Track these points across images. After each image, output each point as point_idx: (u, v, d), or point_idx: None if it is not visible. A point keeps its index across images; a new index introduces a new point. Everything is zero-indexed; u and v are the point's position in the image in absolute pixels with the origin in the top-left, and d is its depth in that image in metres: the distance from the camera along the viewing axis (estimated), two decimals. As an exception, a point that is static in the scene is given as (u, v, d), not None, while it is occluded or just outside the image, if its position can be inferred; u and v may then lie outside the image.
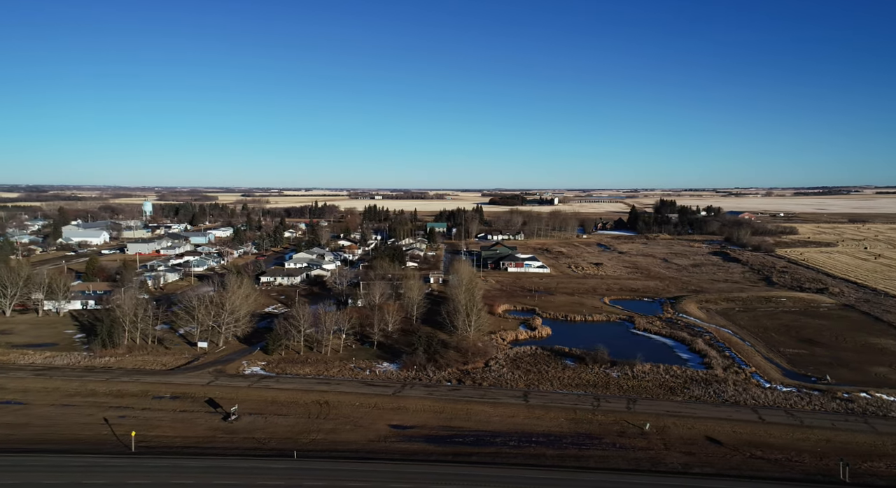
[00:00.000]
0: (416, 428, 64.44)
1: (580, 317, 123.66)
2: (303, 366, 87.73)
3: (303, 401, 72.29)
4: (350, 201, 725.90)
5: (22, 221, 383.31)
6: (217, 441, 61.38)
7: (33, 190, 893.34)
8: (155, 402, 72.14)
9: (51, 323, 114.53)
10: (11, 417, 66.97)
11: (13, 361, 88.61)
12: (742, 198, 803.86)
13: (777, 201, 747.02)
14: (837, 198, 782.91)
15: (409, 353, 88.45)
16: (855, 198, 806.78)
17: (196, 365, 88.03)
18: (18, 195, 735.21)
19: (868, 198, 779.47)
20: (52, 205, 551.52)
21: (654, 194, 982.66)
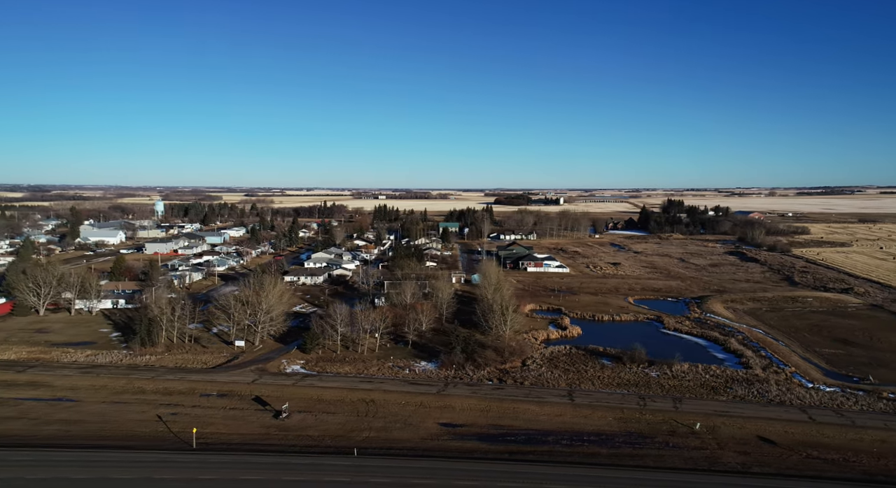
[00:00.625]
0: (466, 427, 65.01)
1: (608, 317, 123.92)
2: (342, 364, 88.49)
3: (349, 400, 73.02)
4: (354, 201, 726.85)
5: (35, 221, 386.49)
6: (272, 438, 62.15)
7: (36, 189, 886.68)
8: (203, 400, 73.05)
9: (85, 322, 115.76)
10: (66, 414, 68.03)
11: (57, 359, 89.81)
12: (745, 197, 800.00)
13: (781, 201, 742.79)
14: (842, 198, 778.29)
15: (447, 352, 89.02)
16: (859, 197, 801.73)
17: (236, 363, 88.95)
18: (23, 195, 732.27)
19: (873, 198, 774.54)
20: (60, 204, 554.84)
21: (657, 194, 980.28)
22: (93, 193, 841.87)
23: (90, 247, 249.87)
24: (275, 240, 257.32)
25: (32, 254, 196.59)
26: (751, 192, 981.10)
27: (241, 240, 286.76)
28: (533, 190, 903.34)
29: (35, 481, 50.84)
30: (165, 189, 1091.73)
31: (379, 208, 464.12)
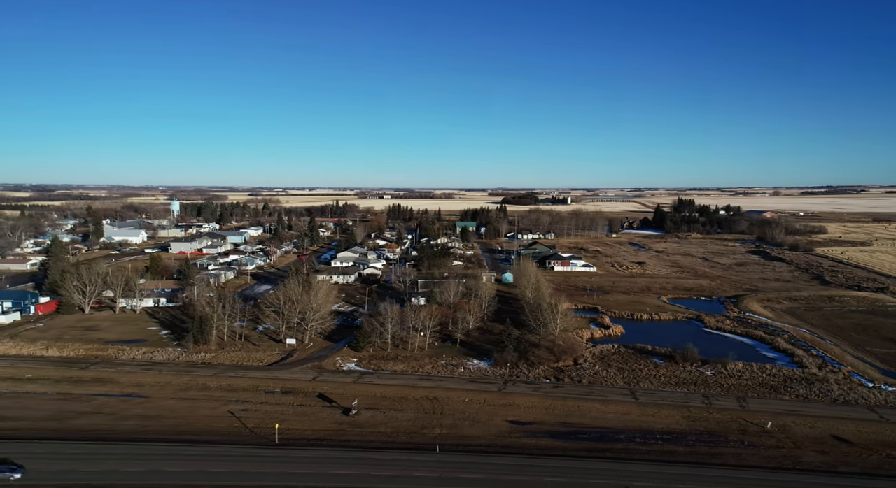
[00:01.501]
0: (536, 424, 65.63)
1: (646, 316, 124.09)
2: (395, 362, 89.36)
3: (412, 397, 73.79)
4: (359, 200, 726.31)
5: (53, 220, 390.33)
6: (347, 434, 63.02)
7: (39, 189, 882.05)
8: (269, 397, 74.05)
9: (131, 320, 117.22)
10: (140, 410, 69.21)
11: (115, 356, 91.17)
12: (750, 197, 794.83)
13: (788, 200, 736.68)
14: (848, 198, 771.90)
15: (500, 351, 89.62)
16: (865, 197, 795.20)
17: (291, 361, 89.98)
18: (30, 194, 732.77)
19: (880, 198, 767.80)
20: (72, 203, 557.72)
21: (660, 193, 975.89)
22: (98, 193, 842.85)
23: (115, 247, 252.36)
24: (296, 240, 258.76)
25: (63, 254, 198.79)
26: (755, 192, 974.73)
27: (262, 240, 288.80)
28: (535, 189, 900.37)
29: (134, 474, 52.03)
30: (169, 188, 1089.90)
31: (393, 208, 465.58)
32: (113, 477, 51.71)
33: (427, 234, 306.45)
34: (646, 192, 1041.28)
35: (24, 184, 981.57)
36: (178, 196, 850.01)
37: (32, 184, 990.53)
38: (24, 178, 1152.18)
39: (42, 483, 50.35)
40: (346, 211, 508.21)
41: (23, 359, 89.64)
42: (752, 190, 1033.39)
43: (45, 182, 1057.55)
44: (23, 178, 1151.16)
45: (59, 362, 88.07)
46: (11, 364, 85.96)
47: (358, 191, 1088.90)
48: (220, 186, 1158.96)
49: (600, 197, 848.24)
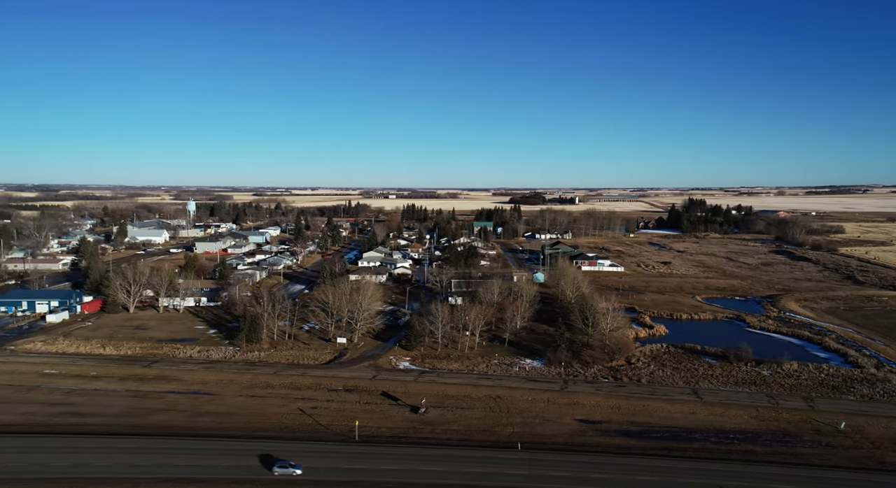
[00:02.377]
0: (604, 423, 66.04)
1: (686, 316, 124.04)
2: (448, 361, 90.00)
3: (475, 396, 74.36)
4: (365, 200, 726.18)
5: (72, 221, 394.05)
6: (421, 431, 63.70)
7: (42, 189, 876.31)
8: (333, 395, 74.92)
9: (176, 319, 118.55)
10: (212, 407, 70.25)
11: (172, 355, 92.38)
12: (755, 196, 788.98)
13: (794, 200, 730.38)
14: (855, 197, 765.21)
15: (553, 350, 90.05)
16: (872, 196, 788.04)
17: (345, 360, 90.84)
18: (36, 194, 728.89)
19: (886, 197, 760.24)
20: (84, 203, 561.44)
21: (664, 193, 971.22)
22: (103, 193, 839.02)
23: (139, 247, 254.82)
24: (319, 240, 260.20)
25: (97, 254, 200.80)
26: (759, 191, 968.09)
27: (283, 240, 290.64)
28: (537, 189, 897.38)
29: (227, 468, 52.99)
30: (172, 188, 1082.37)
31: (408, 207, 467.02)
32: (211, 471, 52.80)
33: (445, 234, 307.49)
34: (649, 192, 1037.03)
35: (27, 184, 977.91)
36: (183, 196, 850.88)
37: (34, 184, 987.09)
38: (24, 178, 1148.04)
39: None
40: (358, 211, 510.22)
41: (82, 356, 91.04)
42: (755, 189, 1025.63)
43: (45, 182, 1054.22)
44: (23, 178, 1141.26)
45: (118, 360, 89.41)
46: (73, 362, 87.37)
47: (362, 190, 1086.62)
48: (222, 186, 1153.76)
49: (604, 197, 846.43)
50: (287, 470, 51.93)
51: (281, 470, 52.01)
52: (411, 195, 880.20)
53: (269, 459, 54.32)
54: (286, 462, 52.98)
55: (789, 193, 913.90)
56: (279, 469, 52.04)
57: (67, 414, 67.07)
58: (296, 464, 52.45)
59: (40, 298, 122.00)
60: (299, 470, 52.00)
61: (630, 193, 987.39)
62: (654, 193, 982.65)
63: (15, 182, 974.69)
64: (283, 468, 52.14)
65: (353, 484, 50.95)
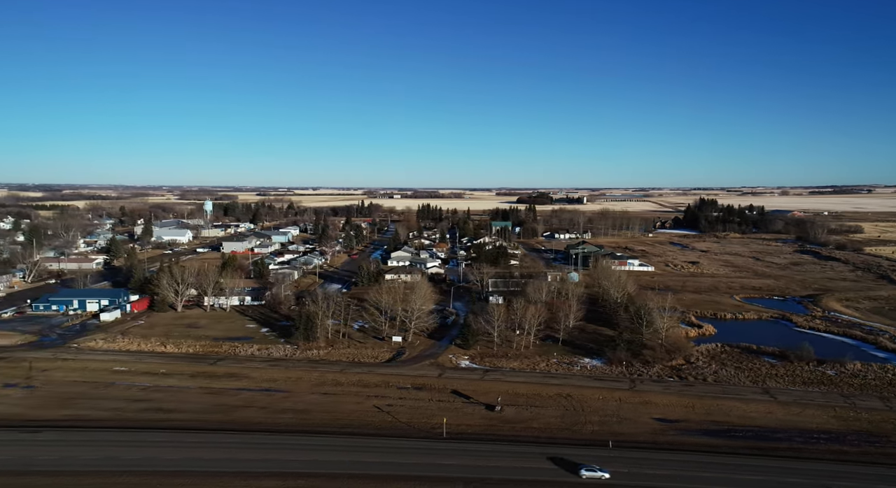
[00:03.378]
0: (683, 422, 66.37)
1: (730, 315, 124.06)
2: (507, 360, 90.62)
3: (545, 394, 74.92)
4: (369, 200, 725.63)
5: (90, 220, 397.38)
6: (503, 429, 64.27)
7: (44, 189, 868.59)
8: (404, 392, 75.63)
9: (224, 318, 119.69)
10: (289, 404, 71.16)
11: (233, 353, 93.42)
12: (759, 196, 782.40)
13: (799, 200, 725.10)
14: (861, 197, 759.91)
15: (612, 349, 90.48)
16: (878, 196, 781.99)
17: (406, 358, 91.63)
18: (42, 194, 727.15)
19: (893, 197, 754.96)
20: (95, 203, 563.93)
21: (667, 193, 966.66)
22: (107, 193, 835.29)
23: (165, 246, 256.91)
24: (342, 240, 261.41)
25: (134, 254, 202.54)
26: (762, 191, 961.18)
27: (304, 240, 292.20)
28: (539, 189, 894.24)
29: (336, 463, 53.89)
30: (174, 188, 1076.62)
31: (423, 207, 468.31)
32: (317, 466, 53.64)
33: (465, 234, 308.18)
34: (651, 192, 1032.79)
35: (28, 184, 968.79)
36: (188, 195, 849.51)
37: (34, 184, 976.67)
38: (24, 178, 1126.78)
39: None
40: (371, 210, 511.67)
41: (146, 354, 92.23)
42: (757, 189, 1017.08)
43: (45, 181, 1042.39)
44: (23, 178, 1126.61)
45: (183, 358, 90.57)
46: (140, 359, 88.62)
47: (365, 190, 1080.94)
48: (223, 186, 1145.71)
49: (608, 197, 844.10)
50: (595, 473, 51.20)
51: (589, 473, 51.07)
52: (414, 195, 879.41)
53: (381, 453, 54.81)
54: (592, 466, 51.88)
55: (793, 193, 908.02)
56: (587, 472, 51.19)
57: (153, 410, 68.21)
58: (602, 468, 51.63)
59: (90, 297, 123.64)
60: (606, 473, 51.15)
61: (632, 193, 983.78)
62: (657, 193, 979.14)
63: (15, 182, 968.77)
64: (590, 471, 51.19)
65: (446, 479, 51.54)
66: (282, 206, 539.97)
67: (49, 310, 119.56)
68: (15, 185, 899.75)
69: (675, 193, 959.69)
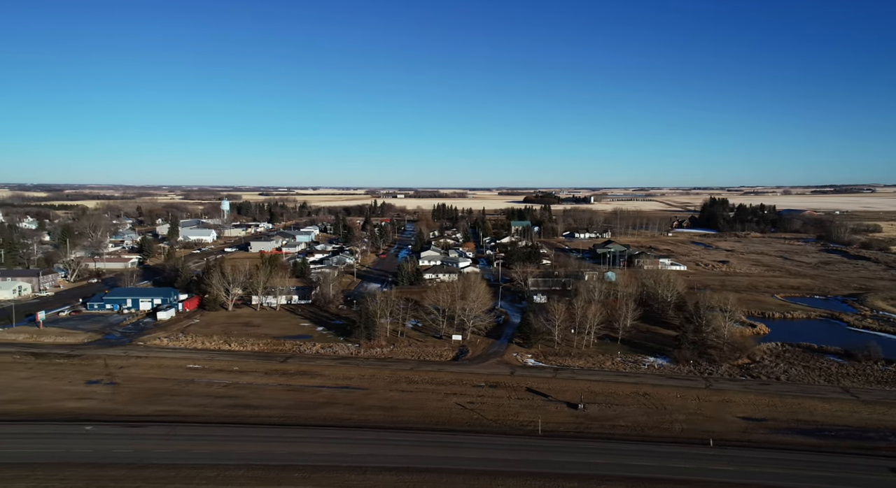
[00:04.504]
0: (770, 421, 66.66)
1: (778, 315, 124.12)
2: (570, 358, 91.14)
3: (621, 393, 75.40)
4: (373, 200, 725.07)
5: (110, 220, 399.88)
6: (589, 427, 64.77)
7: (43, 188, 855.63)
8: (480, 390, 76.23)
9: (276, 316, 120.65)
10: (372, 401, 71.89)
11: (298, 351, 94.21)
12: (762, 196, 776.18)
13: (804, 199, 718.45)
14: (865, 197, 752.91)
15: (676, 348, 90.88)
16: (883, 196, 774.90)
17: (471, 356, 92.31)
18: (47, 194, 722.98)
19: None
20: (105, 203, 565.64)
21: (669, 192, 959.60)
22: (109, 192, 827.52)
23: (192, 246, 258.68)
24: (368, 239, 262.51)
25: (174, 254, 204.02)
26: (765, 191, 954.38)
27: (330, 239, 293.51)
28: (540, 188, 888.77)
29: (442, 459, 54.65)
30: (174, 187, 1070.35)
31: (438, 207, 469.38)
32: (416, 462, 54.57)
33: (486, 234, 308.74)
34: (651, 191, 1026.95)
35: (26, 183, 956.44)
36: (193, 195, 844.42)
37: (34, 184, 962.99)
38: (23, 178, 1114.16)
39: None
40: (384, 210, 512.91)
41: (212, 352, 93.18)
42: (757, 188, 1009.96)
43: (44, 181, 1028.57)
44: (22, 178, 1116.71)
45: (251, 356, 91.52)
46: (211, 357, 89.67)
47: (367, 190, 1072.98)
48: (223, 186, 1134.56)
49: (610, 196, 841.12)
50: None
51: None
52: (416, 194, 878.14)
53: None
54: None
55: (795, 193, 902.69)
56: None
57: (241, 407, 69.14)
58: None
59: (143, 296, 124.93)
60: None
61: (633, 193, 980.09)
62: (658, 192, 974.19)
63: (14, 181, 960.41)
64: None
65: (558, 476, 52.10)
66: (294, 206, 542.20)
67: (103, 308, 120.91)
68: (14, 185, 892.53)
69: (677, 193, 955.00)
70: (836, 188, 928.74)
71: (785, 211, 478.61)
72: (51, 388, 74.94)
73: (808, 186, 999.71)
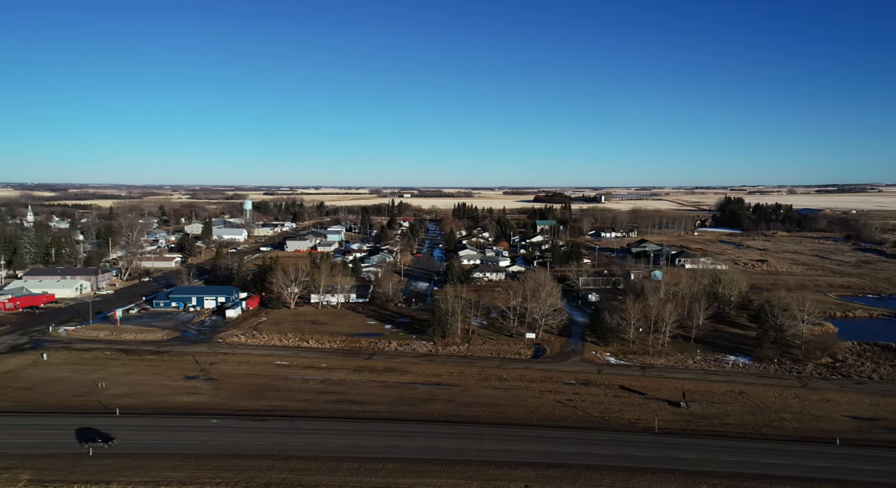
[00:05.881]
0: (881, 420, 66.51)
1: (839, 314, 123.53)
2: (649, 356, 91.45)
3: (716, 391, 75.56)
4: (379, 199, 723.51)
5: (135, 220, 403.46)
6: (700, 425, 65.01)
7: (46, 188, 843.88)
8: (574, 387, 76.67)
9: (339, 315, 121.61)
10: (471, 397, 72.51)
11: (378, 348, 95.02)
12: (767, 195, 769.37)
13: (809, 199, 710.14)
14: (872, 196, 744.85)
15: (757, 347, 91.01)
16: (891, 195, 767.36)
17: (550, 354, 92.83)
18: (55, 194, 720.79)
19: None
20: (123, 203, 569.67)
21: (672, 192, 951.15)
22: (116, 192, 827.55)
23: (226, 245, 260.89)
24: (400, 238, 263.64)
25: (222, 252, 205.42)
26: (769, 190, 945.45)
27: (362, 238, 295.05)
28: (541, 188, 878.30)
29: (575, 455, 55.36)
30: (177, 187, 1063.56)
31: (458, 207, 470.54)
32: (551, 457, 55.16)
33: (513, 233, 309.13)
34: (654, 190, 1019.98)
35: (27, 183, 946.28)
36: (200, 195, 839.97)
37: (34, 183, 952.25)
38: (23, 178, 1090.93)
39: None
40: (401, 210, 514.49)
41: (293, 349, 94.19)
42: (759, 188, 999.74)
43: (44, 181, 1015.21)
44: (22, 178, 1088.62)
45: (333, 353, 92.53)
46: (296, 354, 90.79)
47: (369, 189, 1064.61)
48: (224, 185, 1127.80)
49: (615, 195, 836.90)
50: None
51: None
52: (420, 194, 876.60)
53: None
54: None
55: (800, 192, 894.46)
56: None
57: (345, 402, 70.07)
58: None
59: (206, 294, 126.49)
60: None
61: (637, 192, 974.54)
62: (663, 192, 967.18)
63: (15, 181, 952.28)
64: None
65: (699, 474, 52.49)
66: (311, 206, 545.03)
67: (168, 306, 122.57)
68: (14, 184, 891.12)
69: (681, 192, 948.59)
70: (838, 187, 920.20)
71: (802, 210, 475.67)
72: (153, 383, 76.37)
73: (811, 186, 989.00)
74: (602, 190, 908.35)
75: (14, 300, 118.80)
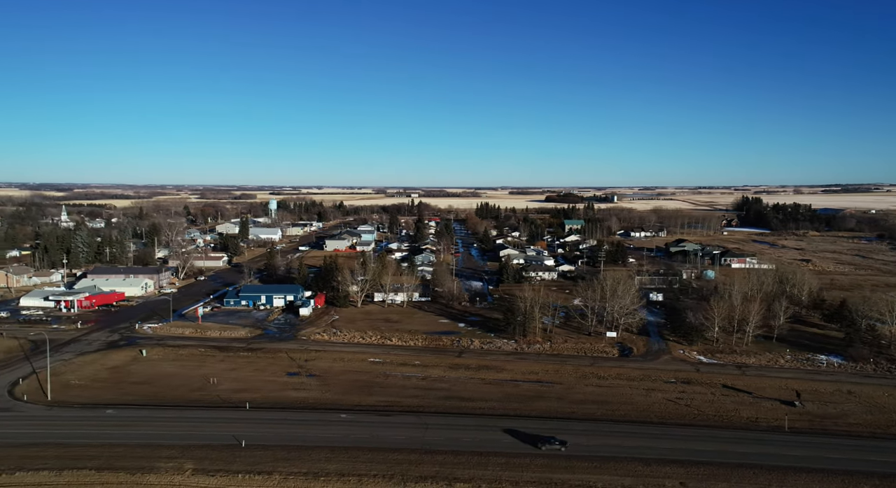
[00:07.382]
0: None
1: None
2: (737, 355, 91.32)
3: (823, 390, 75.44)
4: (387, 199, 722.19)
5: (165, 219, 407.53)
6: (824, 424, 64.73)
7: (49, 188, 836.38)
8: (675, 386, 76.62)
9: (408, 313, 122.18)
10: (579, 396, 72.56)
11: (462, 346, 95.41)
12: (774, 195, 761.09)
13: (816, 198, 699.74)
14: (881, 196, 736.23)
15: (848, 346, 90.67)
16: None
17: (638, 353, 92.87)
18: (64, 194, 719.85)
19: None
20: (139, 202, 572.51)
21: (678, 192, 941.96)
22: (122, 192, 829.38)
23: (263, 244, 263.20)
24: (435, 237, 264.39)
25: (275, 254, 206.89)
26: (776, 190, 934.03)
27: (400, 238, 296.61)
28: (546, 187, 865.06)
29: (713, 453, 55.55)
30: (181, 187, 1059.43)
31: (481, 206, 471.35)
32: (702, 455, 55.39)
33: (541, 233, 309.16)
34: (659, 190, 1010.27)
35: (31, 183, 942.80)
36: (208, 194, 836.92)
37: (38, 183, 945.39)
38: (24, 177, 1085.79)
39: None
40: (421, 210, 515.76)
41: (377, 347, 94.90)
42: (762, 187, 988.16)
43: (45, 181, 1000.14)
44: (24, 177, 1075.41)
45: (422, 351, 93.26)
46: (386, 352, 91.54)
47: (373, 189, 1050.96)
48: (228, 185, 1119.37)
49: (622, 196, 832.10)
50: None
51: None
52: (426, 193, 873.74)
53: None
54: None
55: (807, 192, 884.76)
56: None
57: (455, 399, 70.61)
58: None
59: (275, 293, 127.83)
60: None
61: (642, 192, 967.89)
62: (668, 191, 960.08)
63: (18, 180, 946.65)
64: None
65: (857, 473, 52.49)
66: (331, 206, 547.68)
67: (239, 304, 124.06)
68: (17, 184, 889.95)
69: (686, 192, 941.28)
70: (842, 187, 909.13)
71: (822, 210, 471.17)
72: (258, 379, 77.47)
73: (816, 185, 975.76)
74: (606, 189, 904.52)
75: (90, 298, 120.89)
